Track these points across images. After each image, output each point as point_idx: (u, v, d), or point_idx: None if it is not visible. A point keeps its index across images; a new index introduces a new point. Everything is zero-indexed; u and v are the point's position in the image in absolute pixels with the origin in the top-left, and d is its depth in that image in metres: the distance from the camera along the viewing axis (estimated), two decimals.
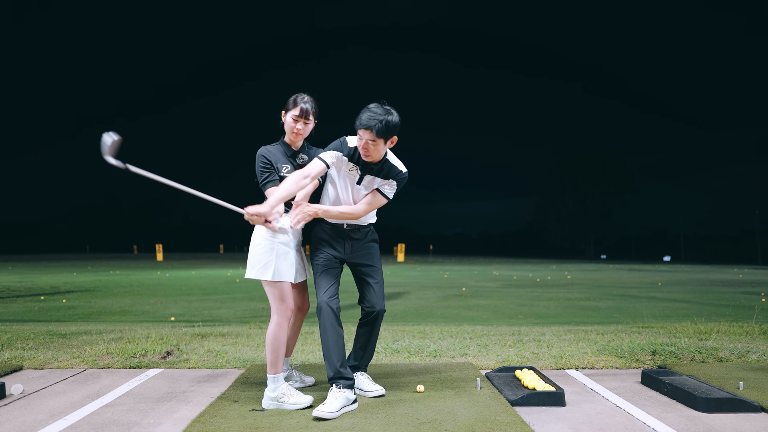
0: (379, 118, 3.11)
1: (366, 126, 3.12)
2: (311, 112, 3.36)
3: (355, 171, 3.32)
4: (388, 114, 3.14)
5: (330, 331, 3.22)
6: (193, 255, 59.55)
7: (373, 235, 3.56)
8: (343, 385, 3.15)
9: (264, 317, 7.85)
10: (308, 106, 3.34)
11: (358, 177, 3.33)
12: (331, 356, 3.20)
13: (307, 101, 3.35)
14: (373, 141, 3.15)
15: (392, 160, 3.37)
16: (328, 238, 3.43)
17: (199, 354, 4.62)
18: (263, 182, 3.34)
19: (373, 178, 3.34)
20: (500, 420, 2.91)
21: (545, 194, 75.87)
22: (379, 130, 3.11)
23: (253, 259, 3.28)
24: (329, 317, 3.22)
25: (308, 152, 3.51)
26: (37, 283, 16.09)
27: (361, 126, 3.15)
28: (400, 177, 3.36)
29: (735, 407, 3.16)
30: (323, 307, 3.24)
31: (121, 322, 7.35)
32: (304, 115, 3.33)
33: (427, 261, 42.75)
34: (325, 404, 3.04)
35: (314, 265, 3.42)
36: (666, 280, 18.91)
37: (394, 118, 3.15)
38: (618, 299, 11.31)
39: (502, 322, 7.43)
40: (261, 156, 3.36)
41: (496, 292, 13.25)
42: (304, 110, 3.33)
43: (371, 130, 3.12)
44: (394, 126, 3.16)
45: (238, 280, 17.55)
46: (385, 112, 3.14)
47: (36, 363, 4.37)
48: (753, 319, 6.60)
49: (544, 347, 4.86)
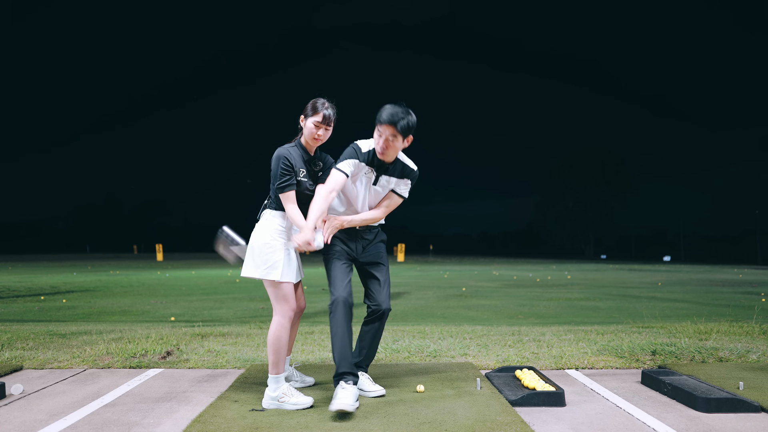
0: (402, 115, 3.20)
1: (389, 122, 3.19)
2: (333, 118, 3.33)
3: (371, 173, 3.36)
4: (409, 113, 3.24)
5: (345, 326, 3.22)
6: (193, 255, 59.53)
7: (382, 235, 3.61)
8: (353, 381, 3.16)
9: (264, 317, 7.85)
10: (330, 113, 3.30)
11: (374, 178, 3.38)
12: (345, 351, 3.21)
13: (329, 107, 3.30)
14: (393, 137, 3.22)
15: (403, 158, 3.45)
16: (341, 237, 3.44)
17: (199, 354, 4.62)
18: (282, 185, 3.23)
19: (389, 178, 3.40)
20: (500, 420, 2.91)
21: (545, 194, 75.94)
22: (402, 127, 3.20)
23: (258, 258, 3.26)
24: (346, 313, 3.23)
25: (323, 158, 3.48)
26: (37, 283, 16.09)
27: (383, 122, 3.20)
28: (414, 175, 3.47)
29: (735, 407, 3.16)
30: (341, 302, 3.23)
31: (121, 322, 7.35)
32: (327, 121, 3.29)
33: (427, 261, 42.75)
34: (341, 398, 3.00)
35: (329, 261, 3.41)
36: (666, 280, 18.92)
37: (414, 117, 3.27)
38: (618, 299, 11.31)
39: (502, 322, 7.43)
40: (283, 158, 3.25)
41: (496, 292, 13.25)
42: (327, 117, 3.28)
43: (395, 126, 3.19)
44: (414, 124, 3.27)
45: (238, 280, 17.56)
46: (405, 110, 3.23)
47: (36, 363, 4.37)
48: (753, 319, 6.60)
49: (544, 347, 4.86)
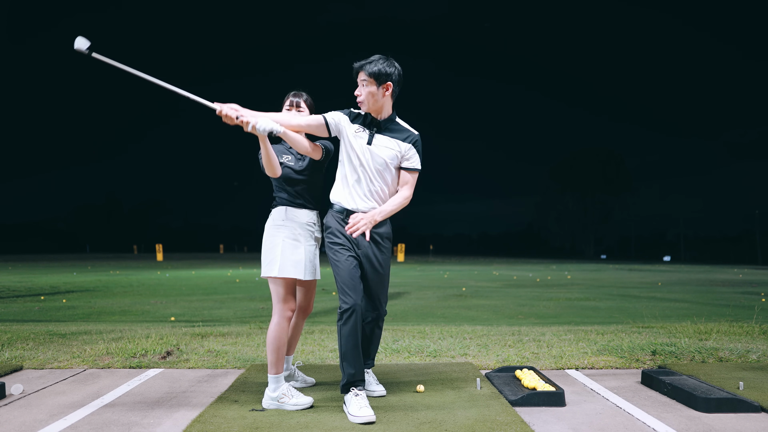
0: (375, 60, 3.16)
1: (359, 66, 3.18)
2: (303, 100, 3.45)
3: (362, 132, 3.24)
4: (386, 60, 3.18)
5: (357, 336, 3.08)
6: (193, 255, 59.53)
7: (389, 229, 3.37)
8: (363, 387, 3.12)
9: (264, 317, 7.85)
10: (297, 99, 3.45)
11: (368, 137, 3.22)
12: (359, 361, 3.10)
13: (297, 94, 3.47)
14: (365, 81, 3.17)
15: (402, 122, 3.34)
16: (342, 230, 3.23)
17: (199, 354, 4.62)
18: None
19: (386, 138, 3.22)
20: (500, 420, 2.91)
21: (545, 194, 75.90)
22: (371, 71, 3.14)
23: (263, 256, 3.29)
24: (359, 321, 3.09)
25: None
26: (37, 283, 16.08)
27: (354, 68, 3.19)
28: (414, 139, 3.28)
29: (735, 407, 3.16)
30: (357, 310, 3.06)
31: (121, 322, 7.35)
32: (295, 104, 3.43)
33: (427, 261, 42.73)
34: (364, 407, 2.94)
35: (339, 262, 3.17)
36: (666, 280, 18.91)
37: (390, 63, 3.18)
38: (618, 299, 11.31)
39: (502, 322, 7.43)
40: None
41: (496, 292, 13.25)
42: (294, 102, 3.44)
43: (362, 69, 3.16)
44: (388, 70, 3.16)
45: (238, 280, 17.55)
46: (384, 58, 3.19)
47: (36, 363, 4.37)
48: (753, 319, 6.60)
49: (544, 347, 4.86)
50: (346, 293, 3.10)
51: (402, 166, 3.28)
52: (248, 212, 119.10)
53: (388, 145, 3.23)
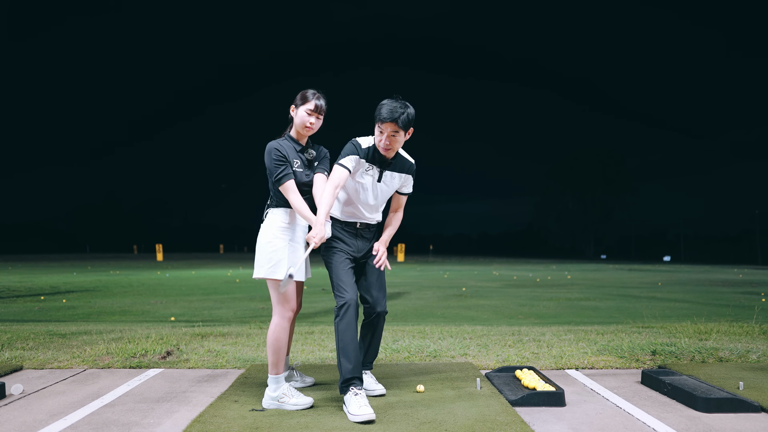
0: (401, 110, 3.18)
1: (390, 119, 3.17)
2: (324, 108, 3.38)
3: (372, 170, 3.34)
4: (407, 106, 3.22)
5: (354, 330, 3.16)
6: (193, 255, 59.56)
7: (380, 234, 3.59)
8: (361, 386, 3.12)
9: (264, 317, 7.85)
10: (321, 102, 3.36)
11: (378, 175, 3.35)
12: (356, 356, 3.14)
13: (320, 97, 3.37)
14: (395, 133, 3.20)
15: (402, 153, 3.45)
16: (341, 236, 3.40)
17: (199, 354, 4.62)
18: (279, 176, 3.24)
19: (392, 174, 3.40)
20: (500, 420, 2.91)
21: (545, 194, 75.90)
22: (403, 122, 3.18)
23: (262, 257, 3.24)
24: (356, 317, 3.18)
25: (316, 148, 3.50)
26: (37, 283, 16.08)
27: (383, 120, 3.18)
28: (413, 168, 3.50)
29: (735, 407, 3.16)
30: (352, 305, 3.15)
31: (121, 322, 7.36)
32: (318, 110, 3.34)
33: (427, 261, 42.74)
34: (363, 406, 2.94)
35: (331, 261, 3.34)
36: (666, 280, 18.92)
37: (412, 109, 3.25)
38: (618, 299, 11.31)
39: (502, 322, 7.43)
40: (274, 150, 3.28)
41: (496, 292, 13.25)
42: (319, 106, 3.34)
43: (396, 122, 3.17)
44: (413, 117, 3.26)
45: (238, 280, 17.55)
46: (403, 104, 3.21)
47: (36, 363, 4.37)
48: (753, 319, 6.60)
49: (544, 347, 4.86)
50: (342, 289, 3.22)
51: (399, 191, 3.53)
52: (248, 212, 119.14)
53: (395, 178, 3.44)
